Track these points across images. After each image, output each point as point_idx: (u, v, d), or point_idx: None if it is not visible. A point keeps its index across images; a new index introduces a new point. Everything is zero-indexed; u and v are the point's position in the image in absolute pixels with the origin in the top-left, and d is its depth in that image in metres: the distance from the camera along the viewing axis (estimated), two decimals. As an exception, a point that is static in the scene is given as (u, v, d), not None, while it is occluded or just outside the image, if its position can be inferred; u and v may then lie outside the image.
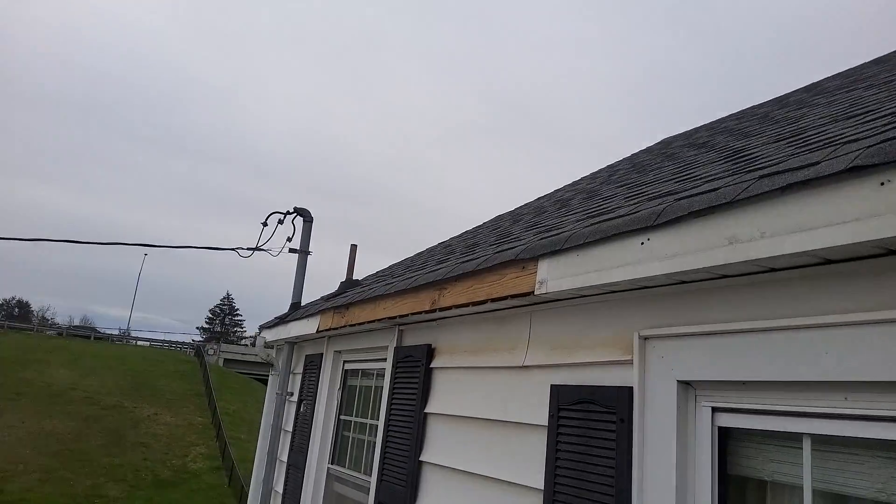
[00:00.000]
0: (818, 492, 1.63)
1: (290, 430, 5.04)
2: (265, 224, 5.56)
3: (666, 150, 5.76)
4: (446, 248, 5.31)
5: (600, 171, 7.23)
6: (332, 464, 4.41)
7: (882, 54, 5.36)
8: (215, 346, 61.00)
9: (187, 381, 41.77)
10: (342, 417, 4.46)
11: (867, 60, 5.57)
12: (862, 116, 2.42)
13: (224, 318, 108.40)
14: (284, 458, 5.07)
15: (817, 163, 1.53)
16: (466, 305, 2.81)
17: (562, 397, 2.33)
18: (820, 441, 1.64)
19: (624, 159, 7.44)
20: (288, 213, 5.56)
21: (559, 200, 5.02)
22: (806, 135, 2.50)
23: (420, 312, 3.17)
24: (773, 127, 3.43)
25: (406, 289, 3.31)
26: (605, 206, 3.04)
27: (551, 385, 2.40)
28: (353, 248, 5.09)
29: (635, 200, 2.65)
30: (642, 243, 1.93)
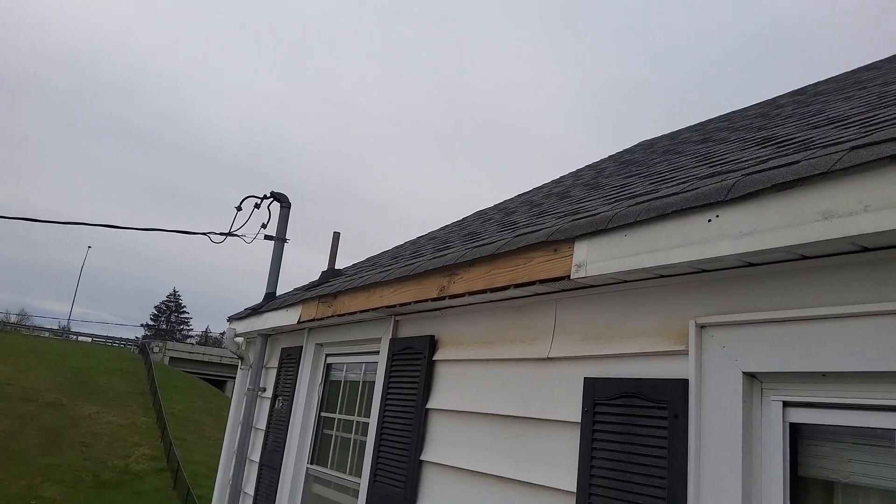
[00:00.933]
0: (914, 495, 1.48)
1: (264, 427, 4.72)
2: (239, 208, 5.24)
3: (653, 149, 5.68)
4: (433, 240, 5.10)
5: (581, 169, 7.13)
6: (311, 464, 4.13)
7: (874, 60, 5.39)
8: (161, 344, 59.04)
9: (131, 380, 40.27)
10: (323, 415, 4.18)
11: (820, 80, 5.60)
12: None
13: (170, 316, 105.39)
14: (256, 457, 4.75)
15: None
16: (483, 292, 2.60)
17: (598, 391, 2.14)
18: (918, 438, 1.49)
19: (604, 159, 7.37)
20: (265, 197, 5.25)
21: (551, 195, 4.86)
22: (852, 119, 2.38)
23: (425, 300, 2.94)
24: (788, 118, 3.34)
25: (409, 275, 3.08)
26: (625, 192, 2.88)
27: (584, 378, 2.21)
28: (336, 235, 4.82)
29: (669, 184, 2.49)
30: (709, 220, 1.75)
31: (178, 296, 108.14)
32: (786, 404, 1.70)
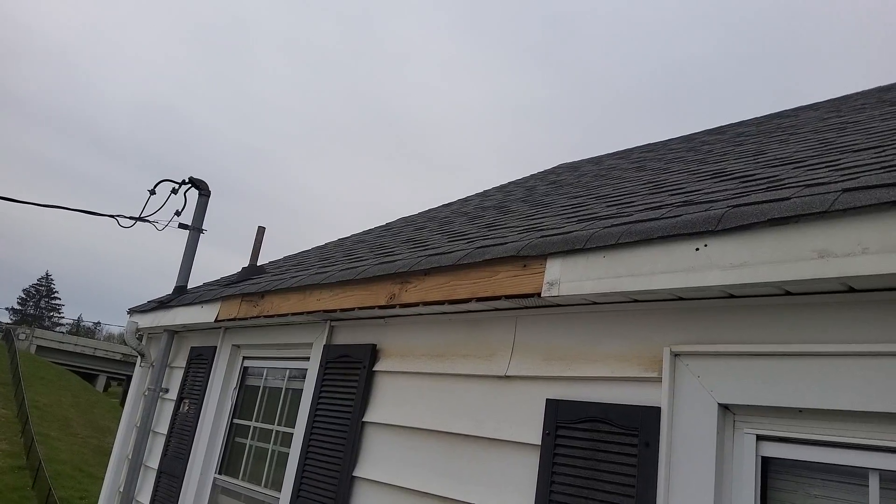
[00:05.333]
0: (884, 533, 1.52)
1: (164, 432, 4.35)
2: (153, 192, 4.81)
3: (580, 171, 5.80)
4: (361, 243, 4.92)
5: (507, 185, 7.17)
6: (220, 473, 3.83)
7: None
8: (28, 331, 54.30)
9: (-10, 368, 36.69)
10: (237, 421, 3.90)
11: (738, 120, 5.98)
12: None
13: (40, 301, 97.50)
14: (154, 464, 4.36)
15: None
16: (440, 303, 2.49)
17: (561, 414, 2.09)
18: (891, 479, 1.53)
19: (528, 177, 7.46)
20: (183, 182, 4.86)
21: (487, 208, 4.82)
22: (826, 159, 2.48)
23: (371, 307, 2.79)
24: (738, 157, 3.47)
25: (353, 279, 2.92)
26: (583, 211, 2.87)
27: (547, 399, 2.15)
28: (261, 230, 4.54)
29: (634, 208, 2.49)
30: (697, 249, 1.74)
31: (51, 280, 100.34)
32: (759, 437, 1.71)
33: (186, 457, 3.96)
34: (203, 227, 5.02)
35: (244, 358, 3.98)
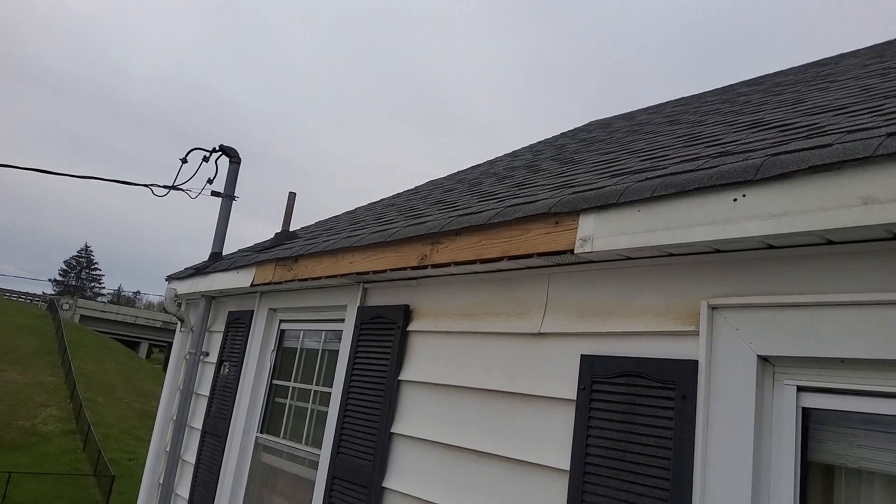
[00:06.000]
0: (927, 481, 1.50)
1: (206, 394, 4.49)
2: (184, 161, 4.87)
3: (612, 128, 5.69)
4: (391, 206, 4.93)
5: (535, 144, 7.09)
6: (261, 433, 3.95)
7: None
8: (71, 301, 56.05)
9: (37, 337, 38.11)
10: (276, 382, 4.00)
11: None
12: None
13: (80, 272, 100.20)
14: (197, 424, 4.51)
15: None
16: (472, 263, 2.49)
17: (596, 369, 2.09)
18: (936, 427, 1.51)
19: (558, 136, 7.35)
20: (213, 150, 4.91)
21: (517, 168, 4.78)
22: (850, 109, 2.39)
23: (403, 269, 2.81)
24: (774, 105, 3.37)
25: (384, 241, 2.94)
26: (615, 167, 2.82)
27: (581, 355, 2.15)
28: (292, 196, 4.58)
29: (669, 161, 2.44)
30: (735, 200, 1.71)
31: (90, 251, 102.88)
32: (800, 389, 1.70)
33: (229, 417, 4.08)
34: (235, 195, 5.07)
35: (280, 321, 4.06)
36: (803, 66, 5.65)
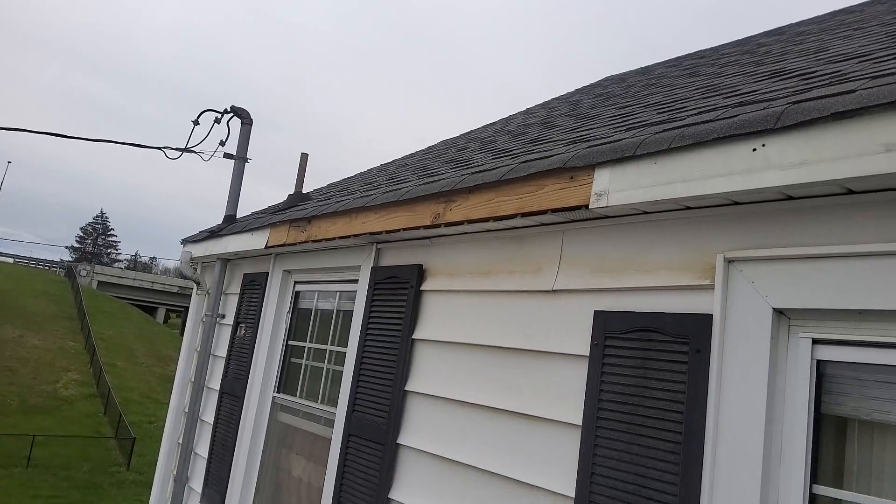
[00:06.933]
0: (944, 431, 1.50)
1: (223, 355, 4.55)
2: (196, 122, 4.85)
3: (628, 83, 5.59)
4: (403, 167, 4.91)
5: (549, 101, 6.98)
6: (278, 392, 4.02)
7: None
8: (89, 267, 56.79)
9: (57, 303, 38.76)
10: (291, 343, 4.04)
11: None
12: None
13: (97, 238, 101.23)
14: (215, 385, 4.59)
15: None
16: (485, 220, 2.48)
17: (609, 325, 2.09)
18: (955, 377, 1.49)
19: (572, 93, 7.23)
20: (225, 111, 4.88)
21: (532, 125, 4.71)
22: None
23: (416, 228, 2.80)
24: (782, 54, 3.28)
25: (397, 201, 2.92)
26: (631, 120, 2.77)
27: (595, 311, 2.15)
28: (304, 157, 4.56)
29: (687, 112, 2.39)
30: (754, 150, 1.67)
31: (106, 217, 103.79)
32: (815, 341, 1.68)
33: (246, 378, 4.15)
34: (248, 157, 5.06)
35: (295, 283, 4.09)
36: (828, 13, 5.49)
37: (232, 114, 4.93)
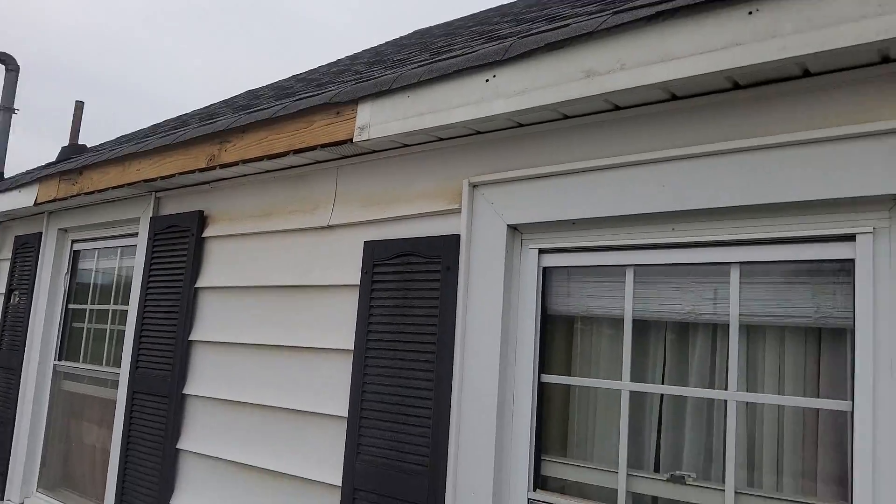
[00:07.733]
0: (637, 321, 1.77)
1: (-5, 327, 4.09)
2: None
3: (430, 34, 5.73)
4: (195, 116, 4.66)
5: (359, 53, 6.96)
6: (59, 360, 3.71)
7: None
8: None
9: None
10: (72, 307, 3.74)
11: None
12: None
13: None
14: (-13, 360, 4.12)
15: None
16: (259, 160, 2.46)
17: (377, 253, 2.19)
18: (642, 272, 1.76)
19: (381, 44, 7.26)
20: (-22, 56, 4.29)
21: (330, 73, 4.69)
22: None
23: (192, 172, 2.71)
24: None
25: (171, 144, 2.80)
26: (407, 63, 2.86)
27: (364, 242, 2.24)
28: (80, 105, 4.15)
29: (449, 53, 2.52)
30: (487, 80, 1.82)
31: None
32: (541, 251, 1.90)
33: (22, 348, 3.78)
34: (15, 107, 4.52)
35: (73, 241, 3.77)
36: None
37: (-11, 58, 4.35)
